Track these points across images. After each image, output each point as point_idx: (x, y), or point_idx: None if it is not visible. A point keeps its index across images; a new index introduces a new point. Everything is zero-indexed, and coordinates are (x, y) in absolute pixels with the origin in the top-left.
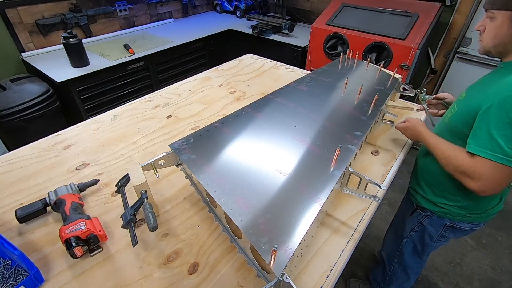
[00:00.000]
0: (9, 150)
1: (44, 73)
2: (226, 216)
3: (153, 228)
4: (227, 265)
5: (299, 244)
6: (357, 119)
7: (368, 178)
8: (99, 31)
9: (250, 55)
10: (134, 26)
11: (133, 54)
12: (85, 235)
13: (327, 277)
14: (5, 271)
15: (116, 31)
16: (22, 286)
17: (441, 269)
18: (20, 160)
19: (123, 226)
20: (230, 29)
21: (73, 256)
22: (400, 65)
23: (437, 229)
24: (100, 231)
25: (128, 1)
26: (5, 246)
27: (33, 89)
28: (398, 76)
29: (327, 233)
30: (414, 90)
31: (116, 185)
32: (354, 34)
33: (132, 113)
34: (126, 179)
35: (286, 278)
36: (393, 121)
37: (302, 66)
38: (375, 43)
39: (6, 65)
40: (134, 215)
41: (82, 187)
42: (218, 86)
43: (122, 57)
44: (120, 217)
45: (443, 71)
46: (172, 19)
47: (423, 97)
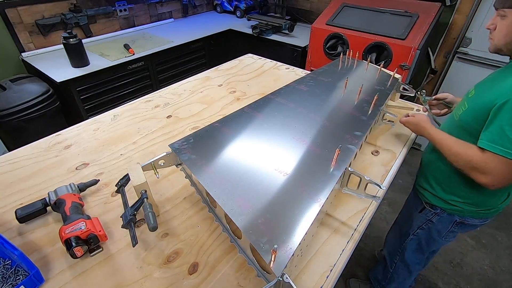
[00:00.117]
0: (9, 150)
1: (44, 73)
2: (226, 216)
3: (153, 228)
4: (227, 265)
5: (299, 244)
6: (357, 119)
7: (368, 178)
8: (99, 31)
9: (250, 55)
10: (134, 26)
11: (133, 54)
12: (85, 235)
13: (327, 277)
14: (5, 271)
15: (116, 31)
16: (22, 286)
17: (441, 269)
18: (20, 160)
19: (123, 226)
20: (230, 29)
21: (73, 256)
22: (400, 65)
23: (447, 226)
24: (100, 231)
25: (128, 1)
26: (5, 246)
27: (33, 89)
28: (398, 76)
29: (327, 233)
30: (414, 90)
31: (116, 185)
32: (354, 34)
33: (132, 113)
34: (126, 179)
35: (286, 278)
36: (393, 121)
37: (302, 66)
38: (375, 43)
39: (6, 65)
40: (134, 215)
41: (82, 187)
42: (218, 86)
43: (122, 57)
44: (120, 217)
45: (443, 71)
46: (172, 19)
47: (424, 99)
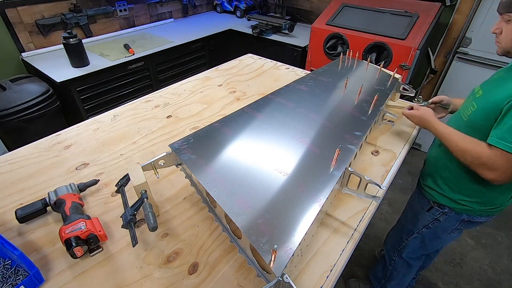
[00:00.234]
0: (9, 150)
1: (44, 73)
2: (226, 216)
3: (153, 228)
4: (227, 265)
5: (299, 244)
6: (357, 119)
7: (368, 178)
8: (99, 31)
9: (250, 55)
10: (134, 26)
11: (133, 54)
12: (85, 235)
13: (327, 277)
14: (5, 271)
15: (116, 31)
16: (22, 286)
17: (441, 269)
18: (20, 160)
19: (123, 226)
20: (230, 29)
21: (73, 256)
22: (400, 65)
23: (453, 224)
24: (100, 231)
25: (128, 1)
26: (5, 246)
27: (33, 89)
28: (398, 76)
29: (327, 233)
30: (414, 90)
31: (116, 185)
32: (354, 34)
33: (132, 113)
34: (126, 179)
35: (286, 278)
36: (393, 121)
37: (302, 66)
38: (375, 43)
39: (6, 65)
40: (134, 215)
41: (82, 187)
42: (218, 86)
43: (122, 57)
44: (120, 217)
45: (443, 71)
46: (172, 19)
47: (423, 105)
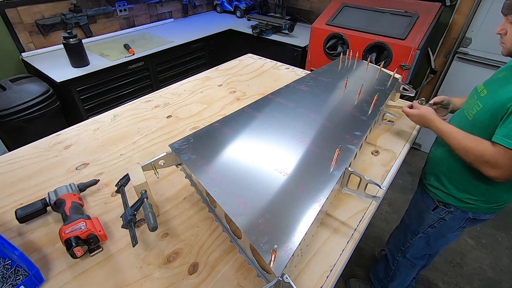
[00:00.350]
0: (9, 150)
1: (44, 73)
2: (226, 216)
3: (153, 228)
4: (227, 265)
5: (299, 244)
6: (357, 119)
7: (368, 178)
8: (99, 31)
9: (250, 55)
10: (134, 26)
11: (133, 54)
12: (85, 235)
13: (327, 277)
14: (5, 271)
15: (116, 31)
16: (22, 286)
17: (441, 269)
18: (20, 160)
19: (123, 226)
20: (230, 29)
21: (73, 256)
22: (400, 65)
23: (459, 223)
24: (100, 231)
25: (128, 1)
26: (5, 246)
27: (33, 89)
28: (398, 76)
29: (327, 233)
30: (414, 90)
31: (116, 185)
32: (354, 34)
33: (132, 113)
34: (126, 179)
35: (286, 278)
36: (393, 121)
37: (302, 66)
38: (375, 43)
39: (6, 65)
40: (134, 215)
41: (82, 187)
42: (218, 86)
43: (122, 57)
44: (120, 217)
45: (443, 71)
46: (172, 19)
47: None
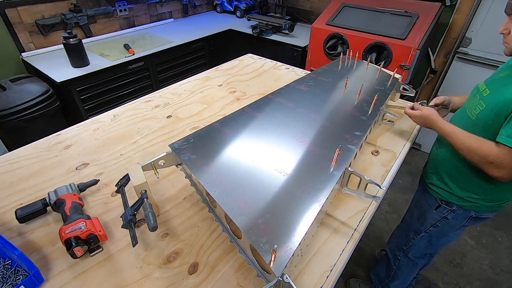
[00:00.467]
0: (9, 150)
1: (44, 73)
2: (226, 216)
3: (153, 228)
4: (227, 265)
5: (299, 244)
6: (357, 119)
7: (368, 178)
8: (99, 31)
9: (250, 55)
10: (134, 26)
11: (133, 54)
12: (85, 235)
13: (327, 277)
14: (5, 271)
15: (116, 31)
16: (22, 286)
17: (441, 269)
18: (20, 160)
19: (123, 226)
20: (230, 29)
21: (73, 256)
22: (400, 65)
23: (462, 221)
24: (100, 231)
25: (128, 1)
26: (5, 246)
27: (33, 89)
28: (398, 76)
29: (327, 233)
30: (414, 90)
31: (116, 185)
32: (354, 34)
33: (132, 113)
34: (126, 179)
35: (286, 278)
36: (393, 121)
37: (302, 66)
38: (375, 43)
39: (6, 65)
40: (134, 215)
41: (82, 187)
42: (218, 86)
43: (122, 57)
44: (120, 217)
45: (443, 71)
46: (172, 19)
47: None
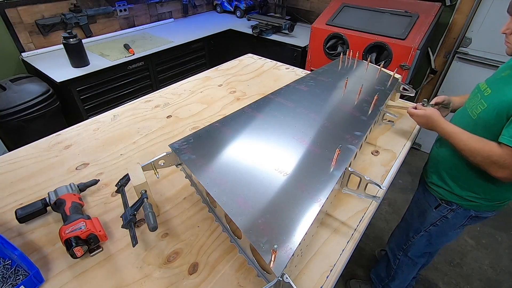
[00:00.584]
0: (9, 150)
1: (44, 73)
2: (226, 216)
3: (153, 228)
4: (227, 265)
5: (299, 244)
6: (357, 119)
7: (368, 178)
8: (99, 31)
9: (250, 55)
10: (134, 26)
11: (133, 54)
12: (85, 235)
13: (327, 277)
14: (5, 271)
15: (116, 31)
16: (22, 286)
17: (441, 269)
18: (20, 160)
19: (123, 226)
20: (230, 29)
21: (73, 256)
22: (400, 65)
23: (461, 220)
24: (100, 231)
25: (128, 1)
26: (5, 246)
27: (33, 89)
28: (398, 76)
29: (327, 233)
30: (414, 90)
31: (116, 185)
32: (354, 34)
33: (132, 113)
34: (126, 179)
35: (286, 278)
36: (393, 121)
37: (302, 66)
38: (375, 43)
39: (6, 65)
40: (134, 215)
41: (82, 187)
42: (218, 86)
43: (122, 57)
44: (120, 217)
45: (443, 71)
46: (172, 19)
47: (428, 106)
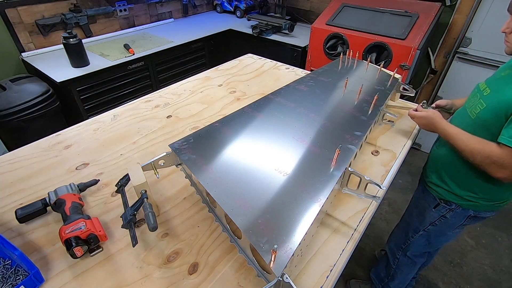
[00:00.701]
0: (9, 150)
1: (44, 73)
2: (226, 216)
3: (153, 228)
4: (227, 265)
5: (299, 244)
6: (357, 119)
7: (368, 178)
8: (99, 31)
9: (250, 55)
10: (134, 26)
11: (133, 54)
12: (85, 235)
13: (327, 277)
14: (5, 271)
15: (116, 31)
16: (22, 286)
17: (441, 269)
18: (20, 160)
19: (123, 226)
20: (230, 29)
21: (73, 256)
22: (400, 65)
23: (460, 220)
24: (100, 231)
25: (128, 1)
26: (5, 246)
27: (33, 89)
28: (398, 76)
29: (327, 233)
30: (414, 90)
31: (116, 185)
32: (354, 34)
33: (132, 113)
34: (126, 179)
35: (286, 278)
36: (393, 121)
37: (302, 66)
38: (375, 43)
39: (6, 65)
40: (134, 215)
41: (82, 187)
42: (218, 86)
43: (122, 57)
44: (120, 217)
45: (443, 71)
46: (172, 19)
47: (426, 108)
